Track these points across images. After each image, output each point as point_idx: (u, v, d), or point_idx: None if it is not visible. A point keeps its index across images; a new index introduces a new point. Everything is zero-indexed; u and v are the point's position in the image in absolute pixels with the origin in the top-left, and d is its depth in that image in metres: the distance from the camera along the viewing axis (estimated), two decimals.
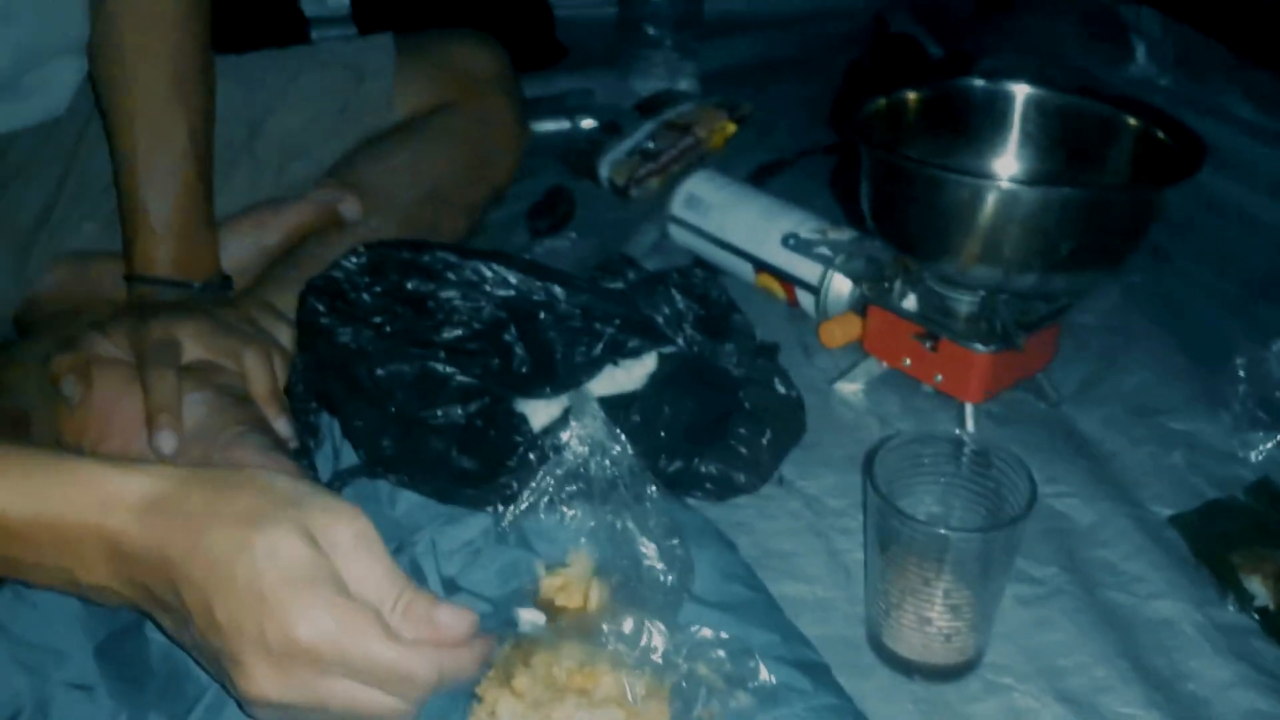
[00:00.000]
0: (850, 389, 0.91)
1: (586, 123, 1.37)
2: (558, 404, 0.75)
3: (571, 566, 0.65)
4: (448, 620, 0.52)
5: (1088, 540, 0.76)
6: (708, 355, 0.82)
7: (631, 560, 0.63)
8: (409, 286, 0.79)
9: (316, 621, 0.48)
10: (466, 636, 0.53)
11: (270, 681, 0.49)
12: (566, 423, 0.69)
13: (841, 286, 0.95)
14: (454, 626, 0.52)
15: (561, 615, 0.62)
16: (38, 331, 0.87)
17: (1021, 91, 0.89)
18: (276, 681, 0.49)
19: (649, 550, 0.63)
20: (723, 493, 0.77)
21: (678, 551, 0.63)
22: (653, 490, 0.66)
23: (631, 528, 0.64)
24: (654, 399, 0.76)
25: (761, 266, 1.01)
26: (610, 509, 0.65)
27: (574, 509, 0.67)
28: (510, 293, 0.80)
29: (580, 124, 1.38)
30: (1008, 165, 0.90)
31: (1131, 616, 0.70)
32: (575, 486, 0.67)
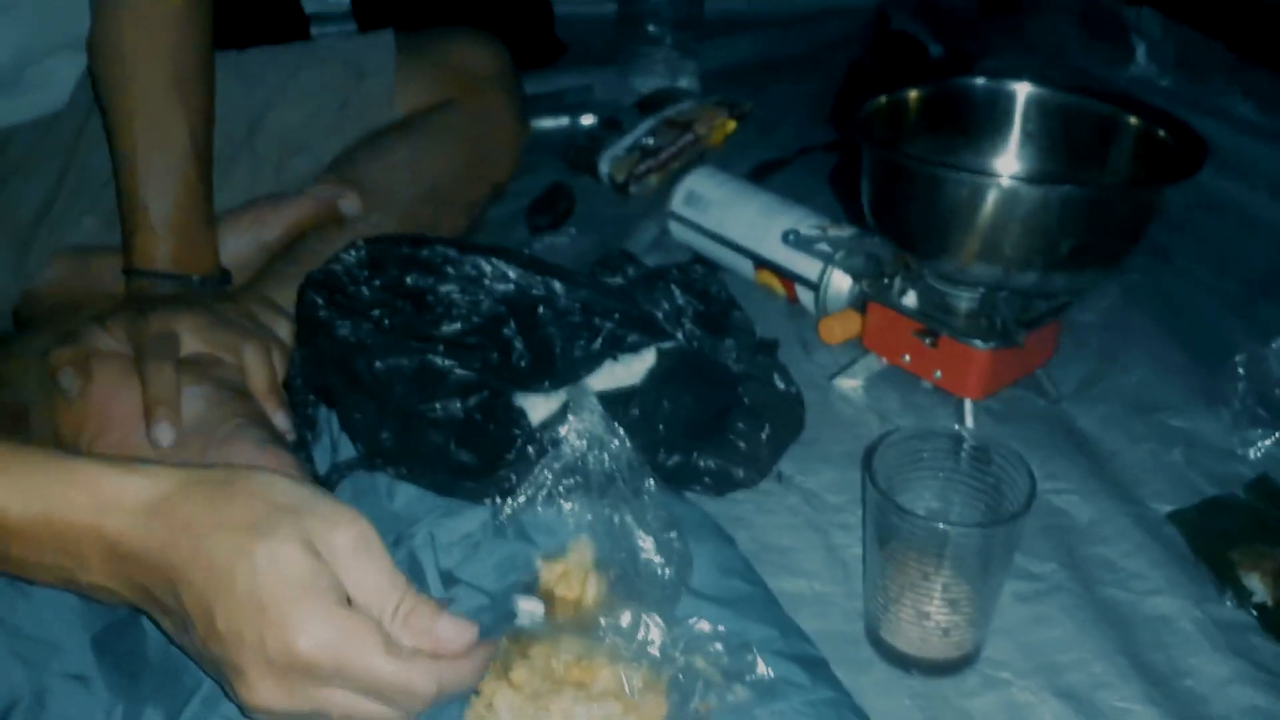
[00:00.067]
0: (849, 385, 0.91)
1: (586, 119, 1.37)
2: (556, 398, 0.74)
3: (572, 555, 0.65)
4: (448, 633, 0.52)
5: (1087, 537, 0.76)
6: (707, 351, 0.82)
7: (629, 554, 0.63)
8: (408, 281, 0.79)
9: (317, 633, 0.48)
10: (466, 649, 0.53)
11: (270, 691, 0.49)
12: (565, 417, 0.69)
13: (841, 283, 0.95)
14: (454, 640, 0.52)
15: (560, 605, 0.62)
16: (37, 325, 0.87)
17: (1022, 90, 0.89)
18: (276, 691, 0.49)
19: (647, 544, 0.63)
20: (721, 488, 0.77)
21: (675, 545, 0.63)
22: (651, 484, 0.66)
23: (629, 521, 0.64)
24: (653, 394, 0.76)
25: (761, 263, 1.01)
26: (608, 503, 0.65)
27: (572, 503, 0.67)
28: (510, 288, 0.80)
29: (580, 121, 1.38)
30: (1008, 164, 0.89)
31: (1130, 613, 0.70)
32: (573, 480, 0.67)
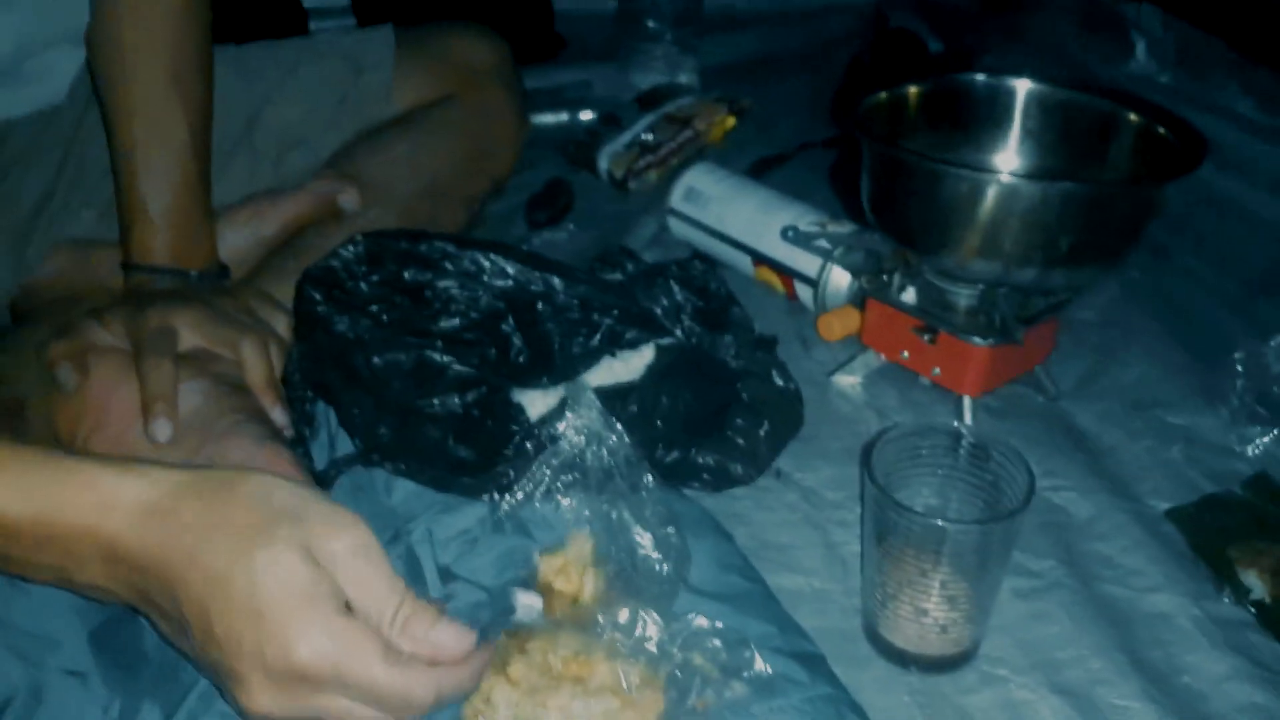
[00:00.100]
0: (848, 382, 0.91)
1: (585, 115, 1.37)
2: (555, 394, 0.74)
3: (570, 548, 0.65)
4: (447, 640, 0.52)
5: (1085, 534, 0.76)
6: (706, 347, 0.82)
7: (627, 550, 0.63)
8: (406, 276, 0.79)
9: (315, 642, 0.48)
10: (465, 656, 0.53)
11: (268, 697, 0.49)
12: (563, 413, 0.69)
13: (840, 279, 0.95)
14: (453, 646, 0.52)
15: (559, 598, 0.62)
16: (35, 319, 0.87)
17: (1022, 86, 0.89)
18: (275, 697, 0.49)
19: (644, 540, 0.63)
20: (720, 484, 0.77)
21: (673, 541, 0.63)
22: (649, 480, 0.66)
23: (627, 517, 0.64)
24: (652, 390, 0.76)
25: (760, 259, 1.01)
26: (606, 498, 0.65)
27: (570, 499, 0.67)
28: (508, 283, 0.80)
29: (579, 116, 1.38)
30: (1008, 160, 0.89)
31: (1128, 610, 0.70)
32: (572, 476, 0.67)
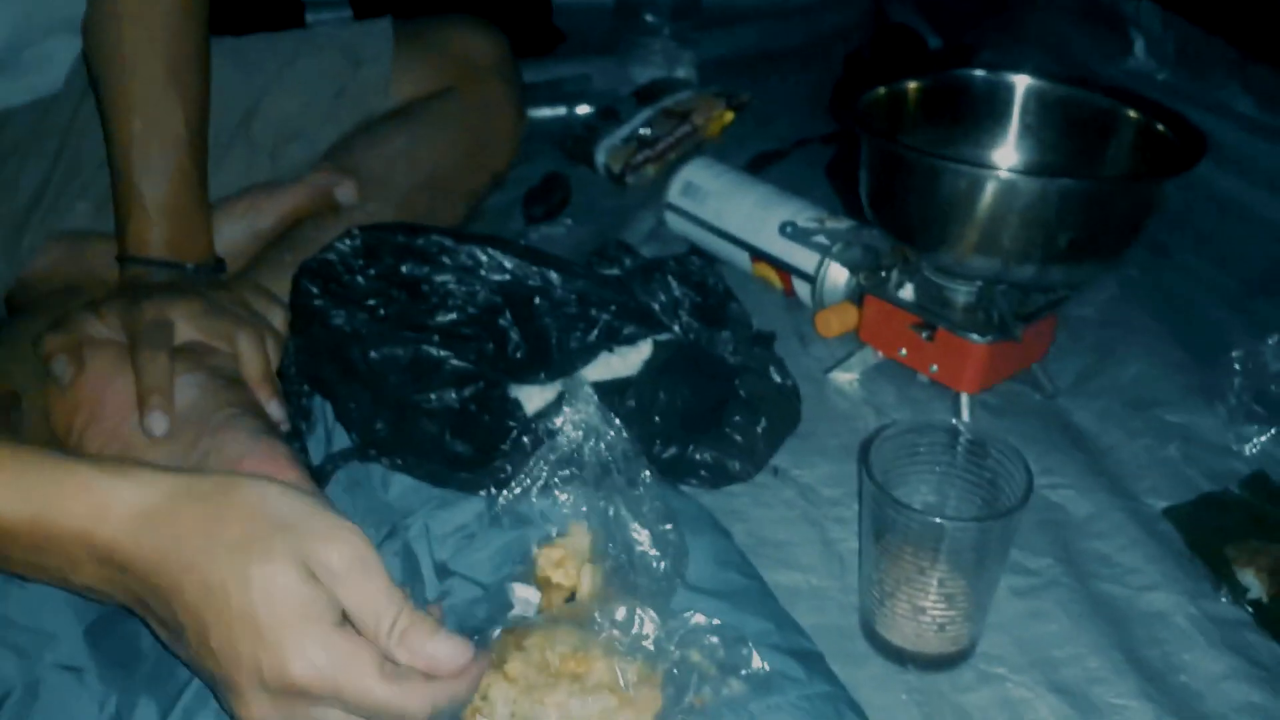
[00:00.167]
0: (846, 378, 0.91)
1: (583, 109, 1.37)
2: (552, 389, 0.74)
3: (568, 541, 0.65)
4: (444, 652, 0.51)
5: (1082, 532, 0.76)
6: (704, 343, 0.82)
7: (625, 546, 0.63)
8: (404, 270, 0.79)
9: (312, 657, 0.48)
10: (461, 669, 0.52)
11: (264, 708, 0.49)
12: (560, 408, 0.69)
13: (838, 276, 0.95)
14: (450, 659, 0.51)
15: (556, 592, 0.62)
16: (30, 311, 0.86)
17: (1021, 83, 0.89)
18: (270, 709, 0.49)
19: (642, 536, 0.63)
20: (717, 480, 0.77)
21: (671, 538, 0.63)
22: (646, 476, 0.65)
23: (625, 514, 0.64)
24: (649, 386, 0.76)
25: (758, 255, 1.01)
26: (603, 494, 0.65)
27: (568, 494, 0.67)
28: (506, 278, 0.79)
29: (577, 110, 1.37)
30: (1007, 156, 0.89)
31: (1125, 608, 0.70)
32: (569, 472, 0.67)
